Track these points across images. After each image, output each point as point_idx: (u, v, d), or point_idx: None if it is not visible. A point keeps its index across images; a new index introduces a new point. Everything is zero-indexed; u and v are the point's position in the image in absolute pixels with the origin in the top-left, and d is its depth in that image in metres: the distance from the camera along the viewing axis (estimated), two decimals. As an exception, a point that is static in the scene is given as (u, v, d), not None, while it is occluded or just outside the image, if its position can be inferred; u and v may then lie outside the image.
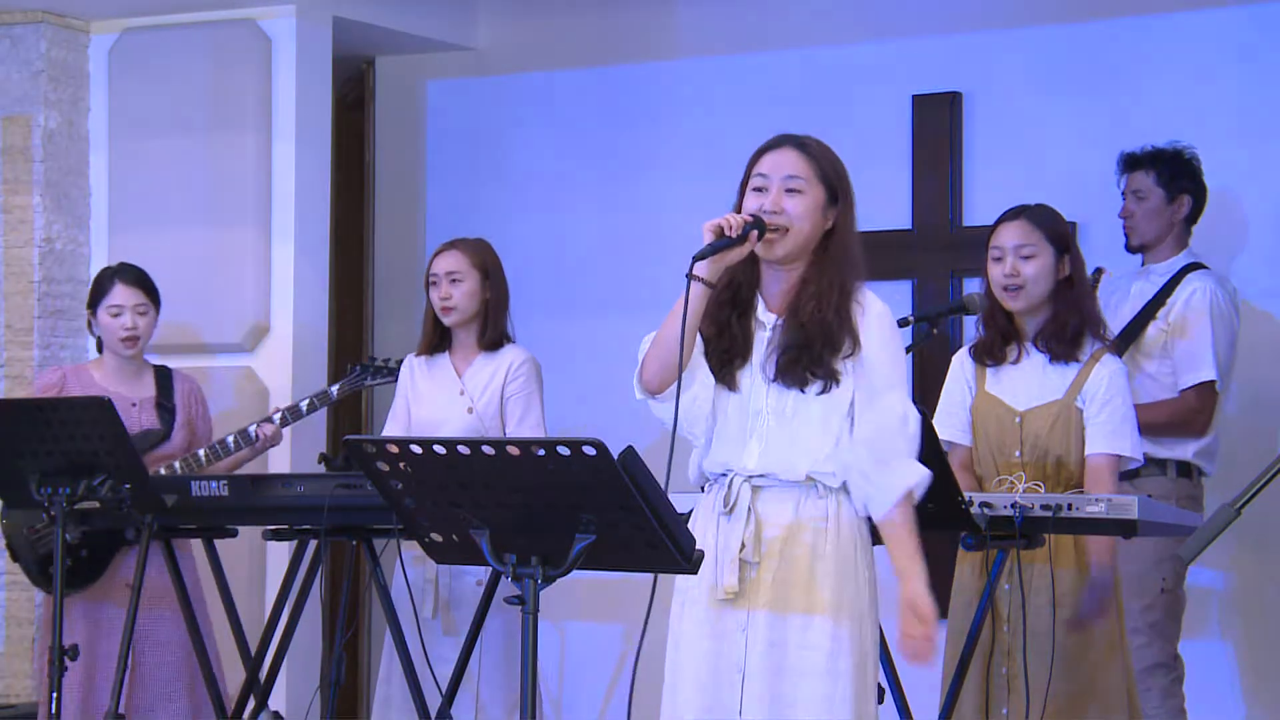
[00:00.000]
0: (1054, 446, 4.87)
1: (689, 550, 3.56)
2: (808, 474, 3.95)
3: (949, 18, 6.95)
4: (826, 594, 3.93)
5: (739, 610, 3.96)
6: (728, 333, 4.03)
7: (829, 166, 4.03)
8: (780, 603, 3.93)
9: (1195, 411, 5.83)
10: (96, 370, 6.21)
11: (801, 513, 3.96)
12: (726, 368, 4.02)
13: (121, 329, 6.11)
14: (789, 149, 4.04)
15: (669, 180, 7.33)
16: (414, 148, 7.90)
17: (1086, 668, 4.83)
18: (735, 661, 3.95)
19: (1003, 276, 4.94)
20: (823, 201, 4.01)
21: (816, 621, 3.92)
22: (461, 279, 5.80)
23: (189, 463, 6.03)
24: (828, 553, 3.94)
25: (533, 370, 5.82)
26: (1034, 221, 4.97)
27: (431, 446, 3.54)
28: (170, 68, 7.27)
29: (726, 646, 3.96)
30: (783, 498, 3.97)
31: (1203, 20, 6.57)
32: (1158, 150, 6.06)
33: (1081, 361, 4.91)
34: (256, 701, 5.71)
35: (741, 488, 3.98)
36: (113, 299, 6.13)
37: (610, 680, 7.27)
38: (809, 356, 3.94)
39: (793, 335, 3.97)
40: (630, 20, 7.45)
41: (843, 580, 3.95)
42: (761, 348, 4.01)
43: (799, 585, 3.94)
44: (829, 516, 3.96)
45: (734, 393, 4.02)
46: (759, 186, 4.02)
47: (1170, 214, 6.02)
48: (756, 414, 4.00)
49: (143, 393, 6.17)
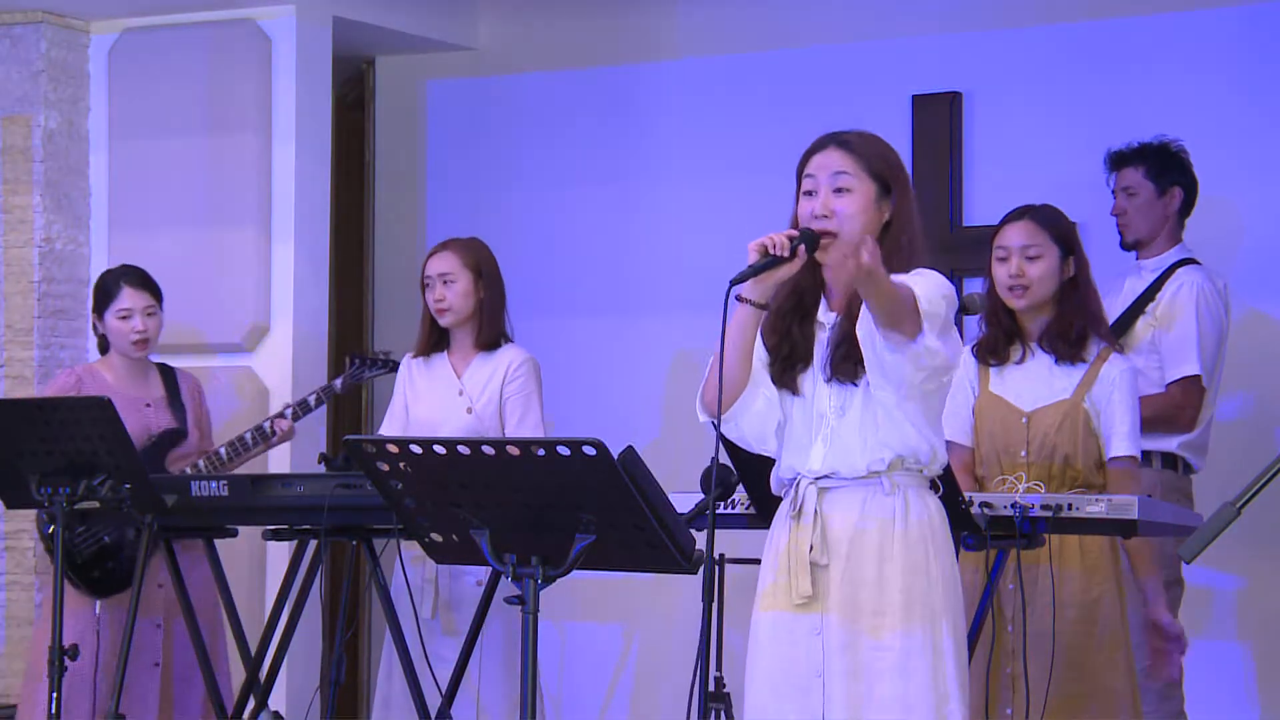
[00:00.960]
0: (1062, 445, 4.87)
1: (689, 550, 3.56)
2: (869, 468, 3.91)
3: (949, 18, 6.95)
4: (895, 593, 3.89)
5: (813, 614, 3.92)
6: (788, 339, 3.97)
7: (877, 159, 3.95)
8: (850, 603, 3.90)
9: (1180, 406, 5.82)
10: (106, 371, 6.22)
11: (867, 511, 3.91)
12: (789, 373, 3.97)
13: (133, 332, 6.14)
14: (833, 148, 3.96)
15: (669, 180, 7.33)
16: (414, 148, 7.90)
17: (1089, 668, 4.82)
18: (814, 665, 3.91)
19: (1008, 277, 4.94)
20: (874, 196, 3.93)
21: (887, 621, 3.89)
22: (455, 280, 5.80)
23: (212, 461, 6.06)
24: (895, 551, 3.90)
25: (532, 370, 5.82)
26: (1040, 222, 4.97)
27: (431, 446, 3.54)
28: (170, 68, 7.27)
29: (803, 651, 3.92)
30: (848, 498, 3.93)
31: (1202, 20, 6.57)
32: (1144, 145, 6.05)
33: (1088, 362, 4.91)
34: (256, 701, 5.71)
35: (807, 490, 3.94)
36: (121, 303, 6.15)
37: (610, 680, 7.27)
38: (856, 348, 3.86)
39: (843, 330, 3.91)
40: (630, 20, 7.45)
41: (912, 579, 3.90)
42: (822, 349, 3.96)
43: (868, 585, 3.90)
44: (895, 515, 3.92)
45: (798, 397, 3.97)
46: (809, 190, 3.94)
47: (1162, 207, 6.02)
48: (820, 416, 3.95)
49: (153, 392, 6.21)
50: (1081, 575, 4.87)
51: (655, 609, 6.82)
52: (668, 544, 3.52)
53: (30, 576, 7.10)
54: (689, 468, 4.48)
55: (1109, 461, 4.89)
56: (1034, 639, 4.75)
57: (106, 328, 6.19)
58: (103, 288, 6.23)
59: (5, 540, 7.11)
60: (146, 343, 6.18)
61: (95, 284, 6.31)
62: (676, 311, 7.13)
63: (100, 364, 6.29)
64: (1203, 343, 5.83)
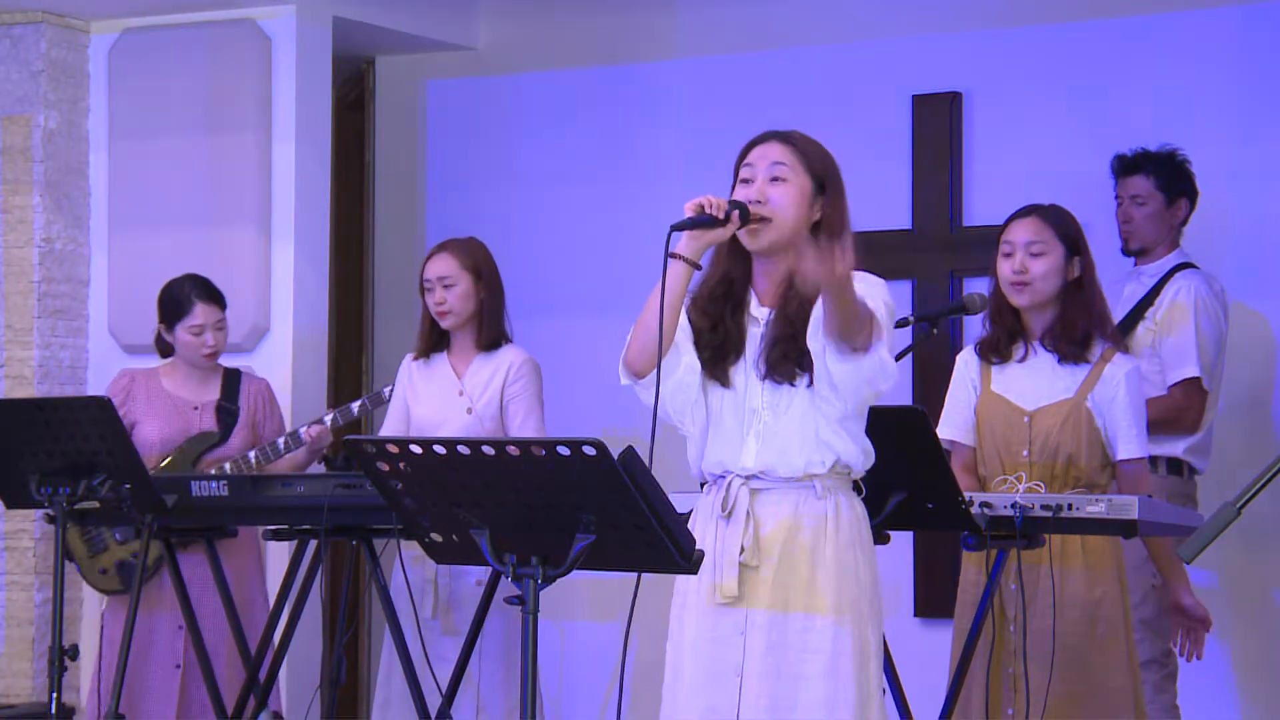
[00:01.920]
0: (1065, 445, 4.87)
1: (689, 550, 3.56)
2: (805, 468, 3.94)
3: (949, 18, 6.95)
4: (827, 595, 3.91)
5: (737, 612, 3.94)
6: (720, 328, 4.01)
7: (815, 157, 4.01)
8: (780, 604, 3.92)
9: (1183, 409, 5.83)
10: (166, 377, 6.28)
11: (800, 513, 3.94)
12: (720, 364, 4.00)
13: (205, 347, 6.20)
14: (774, 141, 4.03)
15: (669, 180, 7.32)
16: (414, 148, 7.90)
17: (1091, 668, 4.82)
18: (733, 664, 3.93)
19: (1011, 272, 4.94)
20: (809, 191, 3.98)
21: (817, 623, 3.90)
22: (454, 283, 5.80)
23: (238, 465, 6.07)
24: (827, 554, 3.93)
25: (533, 371, 5.82)
26: (1046, 220, 4.98)
27: (431, 446, 3.53)
28: (170, 68, 7.27)
29: (725, 649, 3.94)
30: (781, 498, 3.95)
31: (1202, 20, 6.57)
32: (1152, 154, 6.06)
33: (1091, 362, 4.91)
34: (256, 701, 5.71)
35: (740, 490, 3.96)
36: (194, 319, 6.19)
37: (610, 680, 7.27)
38: (795, 349, 3.92)
39: (780, 329, 3.95)
40: (630, 20, 7.45)
41: (843, 581, 3.93)
42: (754, 344, 3.99)
43: (799, 587, 3.92)
44: (828, 517, 3.94)
45: (728, 390, 4.00)
46: (746, 178, 4.01)
47: (1170, 218, 6.04)
48: (753, 411, 3.98)
49: (206, 396, 6.24)
50: (1084, 575, 4.87)
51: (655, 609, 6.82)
52: (668, 544, 3.51)
53: (30, 576, 7.10)
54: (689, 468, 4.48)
55: (1119, 464, 4.89)
56: (1036, 638, 4.75)
57: (176, 339, 6.23)
58: (175, 301, 6.23)
59: (5, 540, 7.11)
60: (216, 354, 6.27)
61: (163, 294, 6.29)
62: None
63: (165, 369, 6.31)
64: (1202, 345, 5.84)
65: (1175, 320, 5.87)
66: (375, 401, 6.18)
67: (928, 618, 6.66)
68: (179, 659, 6.08)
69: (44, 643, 6.98)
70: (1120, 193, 6.09)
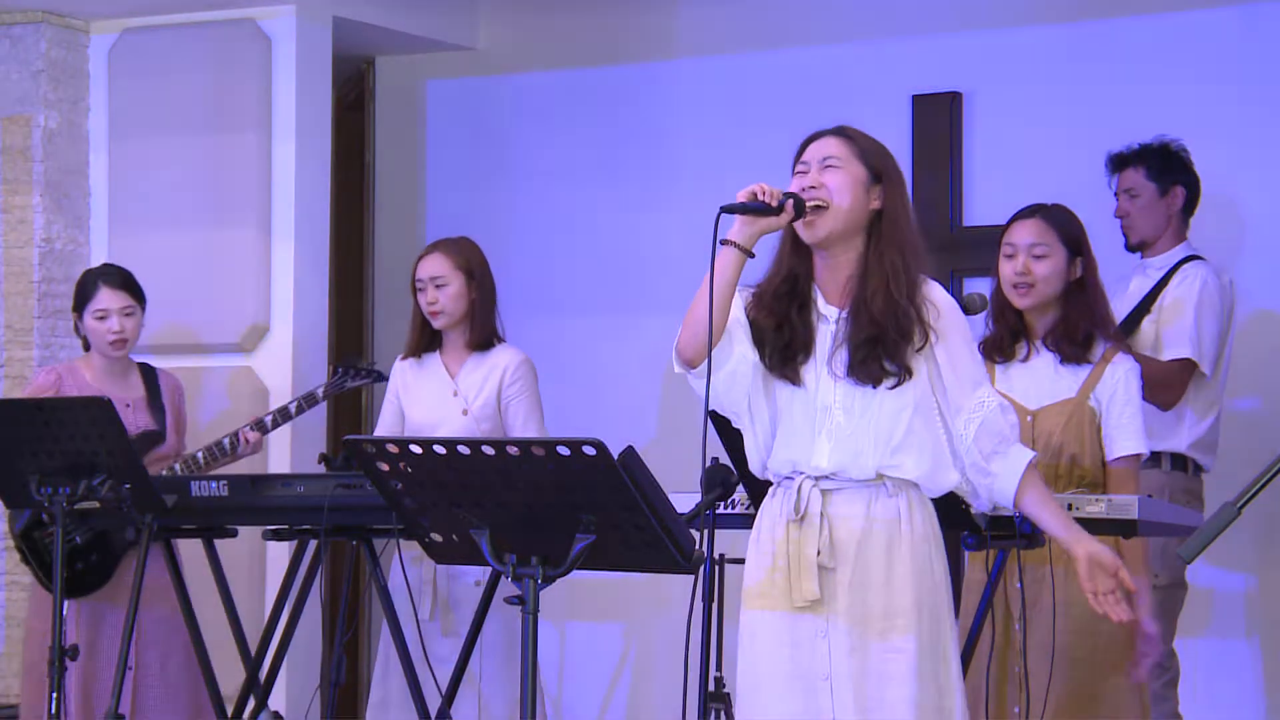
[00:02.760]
0: (1068, 445, 4.87)
1: (688, 550, 3.56)
2: (878, 471, 3.91)
3: (949, 18, 6.95)
4: (905, 594, 3.90)
5: (817, 616, 3.91)
6: (788, 326, 3.96)
7: (868, 147, 3.99)
8: (858, 605, 3.89)
9: (1168, 382, 5.80)
10: (87, 370, 6.18)
11: (873, 513, 3.92)
12: (789, 363, 3.96)
13: (109, 333, 6.09)
14: (827, 136, 4.01)
15: (669, 180, 7.33)
16: (414, 148, 7.90)
17: (1094, 668, 4.82)
18: (819, 668, 3.90)
19: (1014, 274, 4.94)
20: (864, 179, 3.95)
21: (898, 623, 3.88)
22: (446, 282, 5.80)
23: (189, 465, 6.03)
24: (903, 553, 3.91)
25: (530, 373, 5.82)
26: (1049, 221, 4.97)
27: (431, 446, 3.54)
28: (170, 68, 7.27)
29: (806, 653, 3.91)
30: (853, 499, 3.92)
31: (1202, 20, 6.57)
32: (1144, 147, 6.06)
33: (1093, 362, 4.91)
34: (256, 701, 5.71)
35: (811, 493, 3.92)
36: (98, 303, 6.10)
37: (610, 680, 7.26)
38: (884, 350, 3.88)
39: (865, 328, 3.90)
40: (630, 20, 7.45)
41: (920, 580, 3.91)
42: (825, 342, 3.95)
43: (876, 587, 3.90)
44: (901, 516, 3.92)
45: (798, 388, 3.96)
46: (800, 172, 3.98)
47: (1165, 207, 6.02)
48: (825, 410, 3.93)
49: (133, 392, 6.16)
50: (1082, 575, 4.87)
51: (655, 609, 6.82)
52: (668, 544, 3.52)
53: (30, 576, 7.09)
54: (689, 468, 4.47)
55: (1111, 461, 4.89)
56: (1040, 638, 4.75)
57: (85, 327, 6.15)
58: (81, 286, 6.19)
59: (5, 540, 7.11)
60: (124, 343, 6.13)
61: (76, 283, 6.27)
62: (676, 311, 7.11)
63: (81, 362, 6.24)
64: (1200, 329, 5.83)
65: (1177, 305, 5.86)
66: (309, 401, 6.17)
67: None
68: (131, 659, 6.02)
69: (43, 643, 6.97)
70: (1116, 189, 6.09)
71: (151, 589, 5.85)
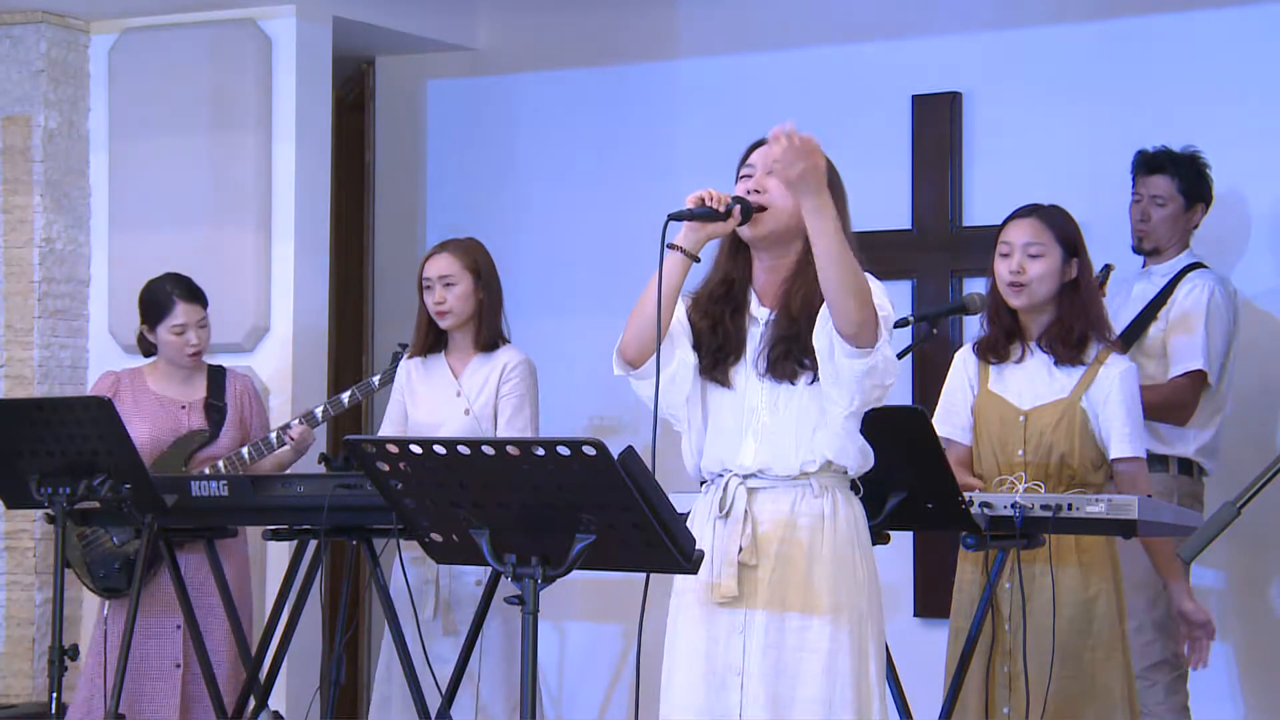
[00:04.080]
0: (1058, 445, 4.87)
1: (689, 550, 3.56)
2: (800, 467, 3.94)
3: (949, 18, 6.95)
4: (824, 594, 3.92)
5: (736, 611, 3.95)
6: (720, 328, 4.03)
7: None
8: (777, 603, 3.92)
9: (1181, 399, 5.81)
10: (151, 376, 6.24)
11: (797, 512, 3.95)
12: (720, 365, 4.02)
13: (188, 346, 6.16)
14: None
15: (669, 180, 7.32)
16: (414, 148, 7.90)
17: (1087, 667, 4.83)
18: (734, 663, 3.94)
19: (1008, 273, 4.94)
20: None
21: (815, 622, 3.91)
22: (455, 282, 5.80)
23: (233, 461, 6.05)
24: (824, 552, 3.93)
25: (527, 371, 5.82)
26: (1045, 221, 4.97)
27: (431, 446, 3.54)
28: (170, 68, 7.27)
29: (724, 648, 3.95)
30: (778, 497, 3.96)
31: (1203, 20, 6.57)
32: (1174, 155, 6.02)
33: (1087, 363, 4.91)
34: (256, 701, 5.71)
35: (737, 490, 3.96)
36: (176, 318, 6.14)
37: (610, 680, 7.26)
38: (797, 346, 3.94)
39: (783, 326, 3.97)
40: (630, 20, 7.45)
41: (840, 579, 3.93)
42: (754, 343, 4.01)
43: (796, 585, 3.92)
44: (825, 515, 3.94)
45: (728, 390, 4.02)
46: (746, 175, 4.05)
47: (1186, 221, 6.02)
48: (752, 411, 3.99)
49: (194, 395, 6.21)
50: (1078, 574, 4.87)
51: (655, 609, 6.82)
52: (668, 544, 3.52)
53: (31, 576, 7.10)
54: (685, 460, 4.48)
55: (1115, 463, 4.89)
56: (1031, 638, 4.75)
57: (158, 340, 6.19)
58: (155, 301, 6.19)
59: (5, 540, 7.11)
60: (200, 354, 6.23)
61: (144, 295, 6.25)
62: (676, 311, 7.13)
63: (149, 369, 6.27)
64: (1210, 341, 5.84)
65: (1186, 319, 5.86)
66: (364, 391, 6.17)
67: (927, 618, 6.66)
68: (178, 658, 6.07)
69: (44, 643, 6.98)
70: (1139, 190, 6.04)
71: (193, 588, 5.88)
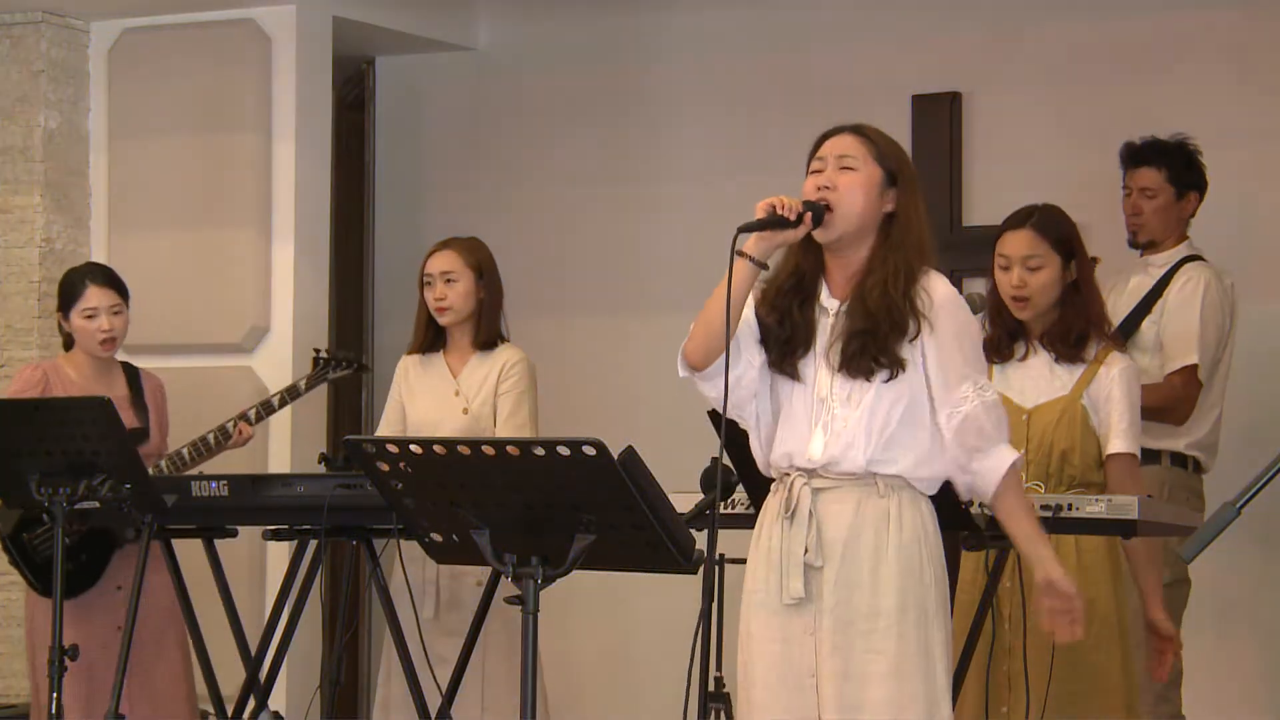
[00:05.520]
0: (1059, 441, 4.87)
1: (688, 550, 3.56)
2: (867, 464, 3.90)
3: (949, 18, 6.95)
4: (890, 595, 3.89)
5: (806, 614, 3.92)
6: (788, 321, 3.97)
7: (886, 149, 3.99)
8: (844, 605, 3.90)
9: (1178, 398, 5.80)
10: (71, 368, 6.12)
11: (863, 512, 3.91)
12: (789, 358, 3.97)
13: (99, 331, 6.04)
14: (845, 134, 4.01)
15: (669, 180, 7.34)
16: (414, 148, 7.90)
17: (1087, 667, 4.83)
18: (808, 665, 3.91)
19: (1011, 288, 4.94)
20: (878, 180, 3.96)
21: (880, 625, 3.89)
22: (456, 279, 5.80)
23: (174, 462, 6.00)
24: (890, 553, 3.90)
25: (526, 370, 5.82)
26: (1040, 231, 4.95)
27: (431, 446, 3.54)
28: (170, 68, 7.27)
29: (796, 650, 3.92)
30: (843, 498, 3.92)
31: (1202, 21, 6.57)
32: (1163, 144, 6.00)
33: (1087, 361, 4.92)
34: (256, 701, 5.70)
35: (801, 491, 3.93)
36: (86, 302, 6.03)
37: (610, 680, 7.26)
38: (875, 343, 3.89)
39: (858, 321, 3.92)
40: (630, 20, 7.45)
41: (906, 580, 3.90)
42: (825, 335, 3.96)
43: (862, 586, 3.90)
44: (891, 517, 3.92)
45: (798, 382, 3.97)
46: (816, 169, 3.98)
47: (1179, 211, 6.00)
48: (821, 403, 3.95)
49: (117, 391, 6.08)
50: (1078, 573, 4.86)
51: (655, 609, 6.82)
52: (668, 544, 3.52)
53: (31, 577, 7.10)
54: (689, 468, 4.47)
55: (1106, 459, 4.89)
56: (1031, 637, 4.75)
57: (72, 327, 6.05)
58: (68, 286, 6.08)
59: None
60: (114, 342, 6.06)
61: (60, 282, 6.17)
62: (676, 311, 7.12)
63: (65, 360, 6.17)
64: (1204, 335, 5.82)
65: (1180, 311, 5.85)
66: (291, 394, 6.14)
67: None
68: None
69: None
70: (1129, 184, 6.03)
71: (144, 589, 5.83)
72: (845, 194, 3.92)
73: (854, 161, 3.95)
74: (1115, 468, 4.89)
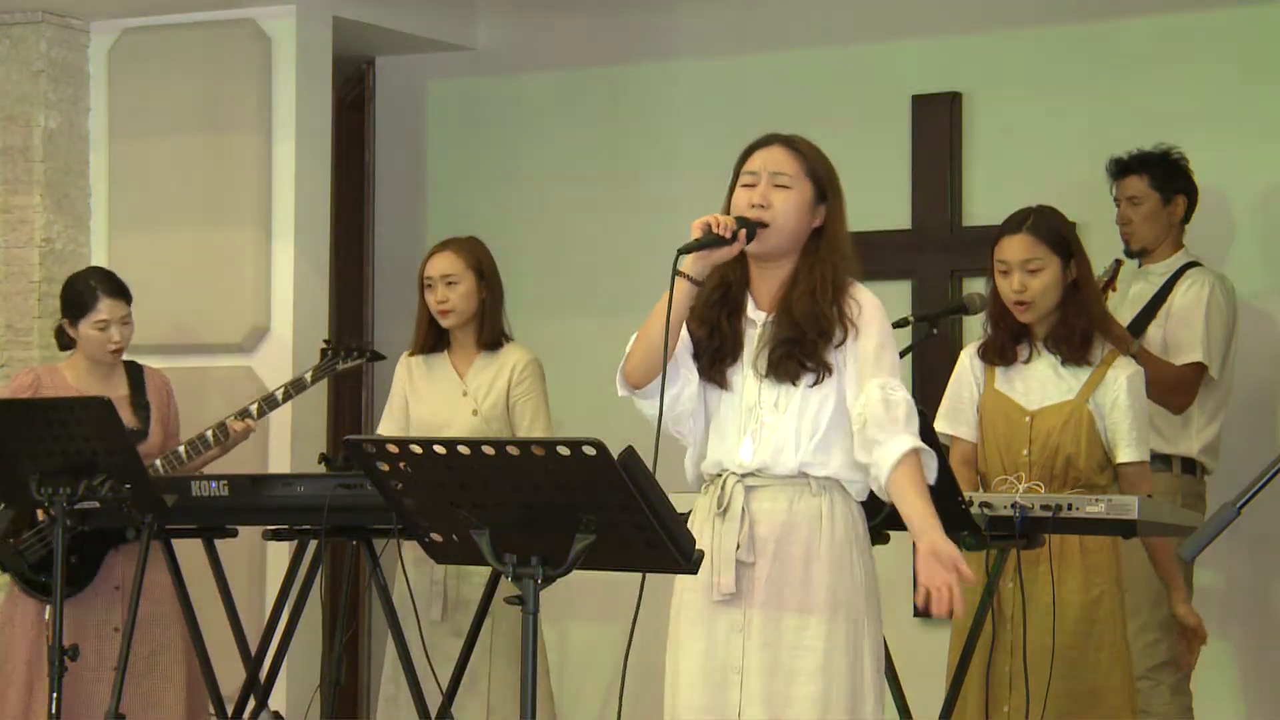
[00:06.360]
0: (1065, 445, 4.88)
1: (689, 550, 3.56)
2: (799, 467, 3.95)
3: (949, 18, 6.95)
4: (821, 593, 3.93)
5: (735, 610, 3.96)
6: (717, 332, 4.04)
7: (817, 164, 4.05)
8: (775, 602, 3.94)
9: (1184, 385, 5.84)
10: (69, 371, 6.10)
11: (795, 510, 3.96)
12: (717, 366, 4.04)
13: (110, 343, 6.03)
14: (778, 146, 4.05)
15: (669, 180, 7.33)
16: (414, 148, 7.90)
17: (1088, 667, 4.83)
18: (734, 661, 3.95)
19: (1011, 292, 4.94)
20: (810, 198, 4.02)
21: (811, 621, 3.92)
22: (457, 281, 5.80)
23: (169, 460, 5.98)
24: (822, 551, 3.94)
25: (537, 372, 5.83)
26: (1037, 234, 4.95)
27: (431, 446, 3.54)
28: (170, 68, 7.27)
29: (723, 647, 3.97)
30: (775, 495, 3.97)
31: (1201, 21, 6.57)
32: (1146, 154, 6.09)
33: (1094, 364, 4.92)
34: (256, 701, 5.71)
35: (734, 488, 3.98)
36: (99, 314, 5.99)
37: (610, 680, 7.26)
38: (801, 348, 3.95)
39: (785, 329, 3.98)
40: (630, 20, 7.45)
41: (837, 578, 3.94)
42: (752, 345, 4.02)
43: (793, 584, 3.94)
44: (823, 515, 3.96)
45: (726, 391, 4.03)
46: (748, 183, 4.03)
47: (1167, 216, 6.06)
48: (749, 410, 4.00)
49: (117, 391, 6.06)
50: (1081, 574, 4.88)
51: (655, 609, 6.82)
52: (668, 544, 3.52)
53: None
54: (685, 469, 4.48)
55: (1118, 468, 4.90)
56: (1032, 637, 4.76)
57: (80, 335, 6.03)
58: (77, 296, 6.05)
59: (5, 540, 7.10)
60: (122, 350, 6.08)
61: (66, 289, 6.12)
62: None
63: (64, 364, 6.13)
64: (1209, 335, 5.87)
65: (1186, 314, 5.89)
66: (297, 388, 6.11)
67: (927, 618, 6.65)
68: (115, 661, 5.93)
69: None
70: (1117, 195, 6.11)
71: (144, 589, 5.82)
72: (780, 214, 3.98)
73: (788, 180, 4.00)
74: (1127, 476, 4.90)
